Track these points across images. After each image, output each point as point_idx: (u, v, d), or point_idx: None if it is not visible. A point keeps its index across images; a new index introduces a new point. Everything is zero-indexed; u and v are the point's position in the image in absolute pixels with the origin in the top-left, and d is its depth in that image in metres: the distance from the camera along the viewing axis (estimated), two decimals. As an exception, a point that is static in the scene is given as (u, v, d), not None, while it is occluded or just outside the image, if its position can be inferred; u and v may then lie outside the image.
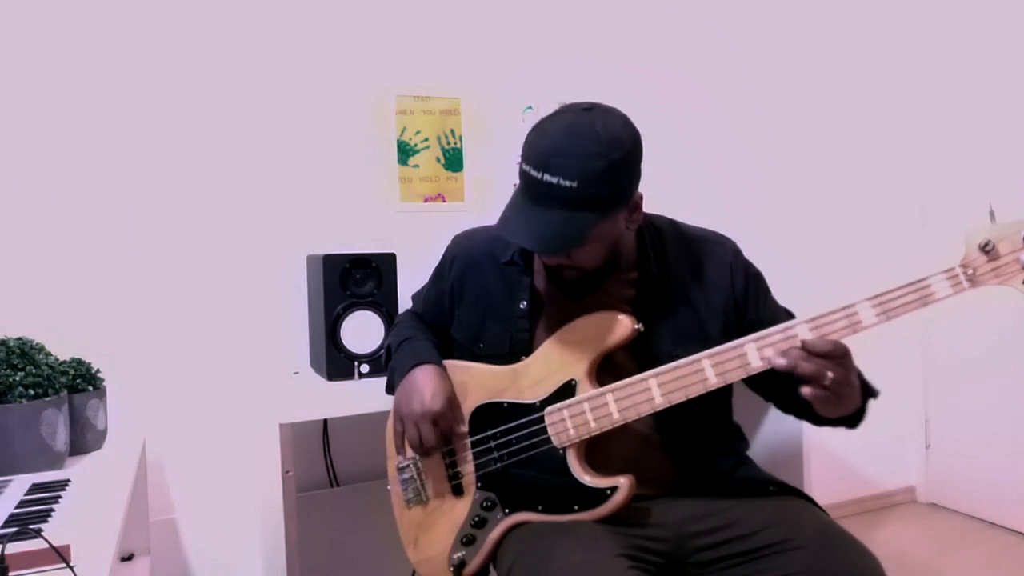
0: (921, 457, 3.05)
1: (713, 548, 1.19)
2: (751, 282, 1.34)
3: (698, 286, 1.31)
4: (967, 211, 2.80)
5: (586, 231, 1.14)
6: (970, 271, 1.06)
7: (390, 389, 1.43)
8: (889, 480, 3.04)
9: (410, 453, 1.36)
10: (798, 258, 2.81)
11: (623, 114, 1.18)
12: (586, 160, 1.11)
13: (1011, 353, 2.68)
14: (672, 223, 1.38)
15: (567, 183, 1.10)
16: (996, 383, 2.75)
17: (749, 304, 1.32)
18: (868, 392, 1.19)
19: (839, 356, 1.08)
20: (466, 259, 1.42)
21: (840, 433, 3.01)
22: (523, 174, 1.16)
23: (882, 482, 3.03)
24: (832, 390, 1.07)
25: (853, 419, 1.20)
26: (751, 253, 1.40)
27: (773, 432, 2.04)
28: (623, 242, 1.28)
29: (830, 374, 1.06)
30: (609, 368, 1.25)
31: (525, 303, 1.32)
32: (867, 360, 2.30)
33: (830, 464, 2.91)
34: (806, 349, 1.07)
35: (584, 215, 1.13)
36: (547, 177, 1.11)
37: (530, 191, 1.15)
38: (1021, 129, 2.63)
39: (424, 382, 1.31)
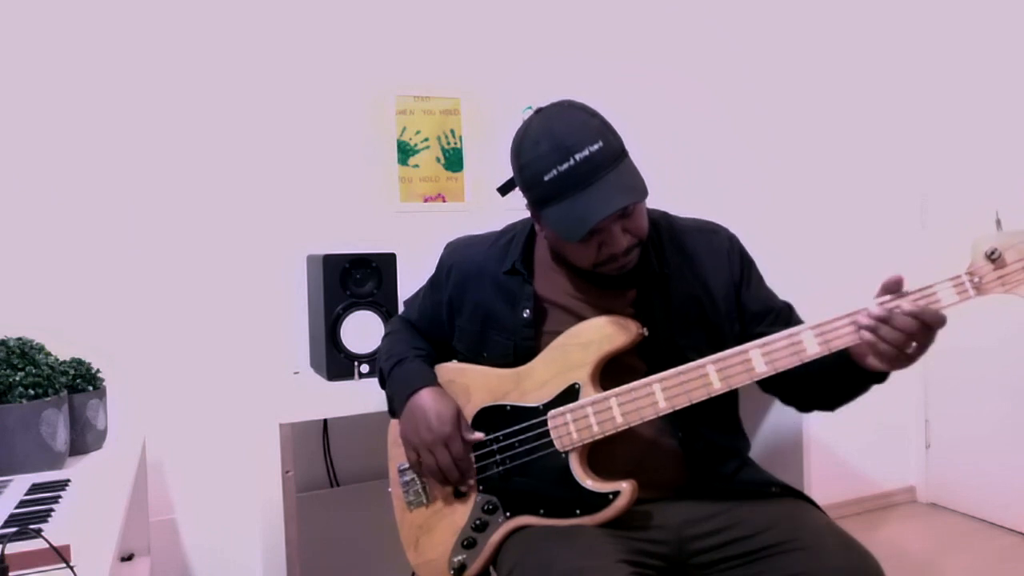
0: (921, 457, 3.05)
1: (714, 550, 1.19)
2: (746, 267, 1.36)
3: (696, 275, 1.32)
4: (967, 211, 2.81)
5: (638, 173, 1.19)
6: (976, 279, 1.06)
7: (393, 414, 1.43)
8: (889, 480, 3.04)
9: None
10: (799, 258, 2.81)
11: None
12: (585, 125, 1.17)
13: (1011, 353, 2.68)
14: (665, 215, 1.38)
15: (594, 147, 1.14)
16: (996, 383, 2.74)
17: (742, 288, 1.34)
18: None
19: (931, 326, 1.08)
20: (463, 270, 1.41)
21: (840, 433, 3.02)
22: (551, 183, 1.15)
23: (882, 482, 3.03)
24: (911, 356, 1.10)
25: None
26: (751, 252, 1.40)
27: (773, 432, 2.04)
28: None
29: (915, 344, 1.08)
30: (615, 364, 1.24)
31: (528, 311, 1.31)
32: (867, 360, 2.30)
33: (830, 464, 2.91)
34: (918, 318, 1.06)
35: (626, 162, 1.18)
36: (578, 156, 1.13)
37: (573, 181, 1.14)
38: (1021, 128, 2.63)
39: (426, 408, 1.31)
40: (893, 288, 1.09)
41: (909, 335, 1.06)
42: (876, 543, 2.59)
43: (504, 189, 1.34)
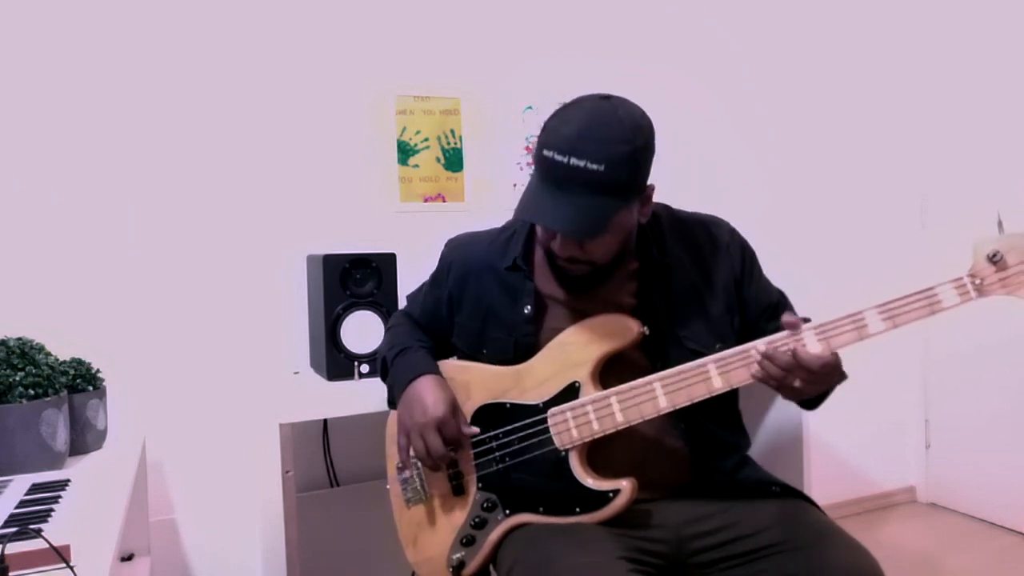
0: (921, 457, 3.05)
1: (713, 549, 1.20)
2: (746, 259, 1.35)
3: (698, 268, 1.32)
4: (967, 211, 2.80)
5: (609, 216, 1.15)
6: (977, 281, 1.07)
7: (392, 404, 1.42)
8: (889, 480, 3.04)
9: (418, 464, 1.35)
10: (799, 258, 2.81)
11: (638, 105, 1.21)
12: (611, 144, 1.12)
13: (1012, 353, 2.68)
14: (667, 208, 1.38)
15: (594, 166, 1.11)
16: (996, 383, 2.74)
17: (744, 280, 1.33)
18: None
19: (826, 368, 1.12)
20: (463, 266, 1.41)
21: (840, 433, 3.02)
22: (544, 160, 1.15)
23: (882, 482, 3.03)
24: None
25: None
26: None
27: (773, 431, 2.04)
28: (631, 236, 1.29)
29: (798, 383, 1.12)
30: (615, 357, 1.24)
31: (529, 307, 1.31)
32: (867, 359, 2.32)
33: (830, 464, 2.91)
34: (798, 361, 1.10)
35: (607, 200, 1.14)
36: (573, 161, 1.11)
37: (553, 176, 1.14)
38: (1021, 128, 2.63)
39: (424, 392, 1.30)
40: (791, 328, 1.13)
41: (788, 371, 1.11)
42: (876, 543, 2.59)
43: None
